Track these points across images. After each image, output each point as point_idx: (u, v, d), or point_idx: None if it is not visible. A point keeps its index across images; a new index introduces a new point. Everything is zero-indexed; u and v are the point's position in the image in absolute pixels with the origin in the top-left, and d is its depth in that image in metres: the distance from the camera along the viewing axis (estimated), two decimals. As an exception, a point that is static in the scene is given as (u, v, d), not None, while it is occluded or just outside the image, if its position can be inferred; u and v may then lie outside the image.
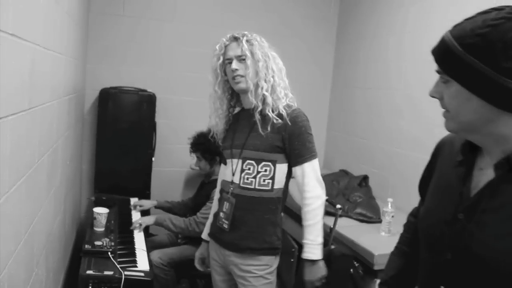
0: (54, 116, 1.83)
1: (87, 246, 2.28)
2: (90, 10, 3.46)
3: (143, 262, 2.31)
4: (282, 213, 1.95)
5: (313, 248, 1.86)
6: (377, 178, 3.42)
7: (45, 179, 1.67)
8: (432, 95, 0.98)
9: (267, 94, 1.86)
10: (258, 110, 1.87)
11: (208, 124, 2.09)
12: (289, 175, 1.93)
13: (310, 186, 1.87)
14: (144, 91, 3.51)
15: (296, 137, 1.84)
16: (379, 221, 2.76)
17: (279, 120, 1.84)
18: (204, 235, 2.18)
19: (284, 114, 1.84)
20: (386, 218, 2.60)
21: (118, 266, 2.15)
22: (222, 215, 1.93)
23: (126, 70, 3.61)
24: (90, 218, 2.68)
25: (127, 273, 2.11)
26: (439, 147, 1.17)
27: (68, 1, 2.13)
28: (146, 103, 3.48)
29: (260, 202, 1.87)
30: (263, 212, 1.88)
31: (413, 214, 1.36)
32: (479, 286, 0.93)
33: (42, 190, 1.62)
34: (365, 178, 3.41)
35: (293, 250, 2.44)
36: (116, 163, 3.42)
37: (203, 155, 3.08)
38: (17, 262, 1.24)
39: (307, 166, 1.86)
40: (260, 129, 1.85)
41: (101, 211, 2.59)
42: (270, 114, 1.84)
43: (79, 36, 2.78)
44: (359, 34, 3.86)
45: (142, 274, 2.16)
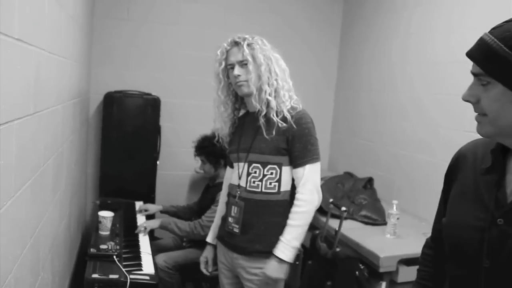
0: (59, 120, 1.84)
1: (92, 250, 2.28)
2: (95, 14, 3.48)
3: (148, 266, 2.31)
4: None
5: (285, 248, 1.82)
6: (382, 180, 3.41)
7: (50, 183, 1.68)
8: (466, 99, 0.95)
9: (270, 98, 1.84)
10: (263, 114, 1.86)
11: (212, 128, 2.09)
12: None
13: (306, 189, 1.83)
14: (149, 94, 3.52)
15: (298, 139, 1.83)
16: (384, 223, 2.75)
17: (284, 124, 1.83)
18: (209, 239, 2.18)
19: (288, 117, 1.83)
20: (391, 220, 2.59)
21: (124, 270, 2.15)
22: (231, 220, 1.92)
23: (130, 74, 3.62)
24: (95, 222, 2.68)
25: (132, 276, 2.11)
26: (460, 157, 1.14)
27: (72, 5, 2.14)
28: (150, 106, 3.49)
29: (267, 205, 1.87)
30: (271, 215, 1.88)
31: (428, 246, 1.30)
32: None
33: (47, 194, 1.62)
34: (370, 180, 3.40)
35: (298, 253, 2.43)
36: (121, 167, 3.43)
37: (207, 158, 3.09)
38: (23, 265, 1.25)
39: (308, 169, 1.84)
40: (264, 133, 1.85)
41: (106, 215, 2.60)
42: (275, 118, 1.83)
43: (84, 40, 2.80)
44: (363, 36, 3.86)
45: (148, 278, 2.16)
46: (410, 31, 3.24)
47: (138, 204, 3.30)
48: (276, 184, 1.86)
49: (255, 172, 1.87)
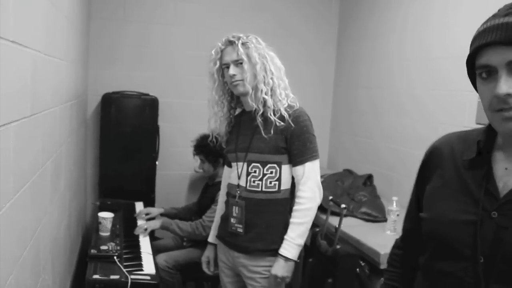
0: (56, 122, 1.84)
1: (93, 251, 2.28)
2: (91, 15, 3.48)
3: (149, 266, 2.31)
4: (289, 214, 1.94)
5: (290, 246, 1.83)
6: (381, 177, 3.41)
7: (49, 185, 1.68)
8: (509, 92, 0.84)
9: (267, 97, 1.84)
10: (260, 113, 1.86)
11: (207, 128, 2.09)
12: None
13: (307, 186, 1.84)
14: (146, 95, 3.52)
15: (297, 137, 1.83)
16: (385, 220, 2.75)
17: (282, 123, 1.83)
18: (210, 238, 2.18)
19: (286, 116, 1.83)
20: (391, 217, 2.59)
21: (124, 270, 2.15)
22: (234, 220, 1.91)
23: (128, 74, 3.61)
24: (95, 223, 2.68)
25: (133, 277, 2.11)
26: (435, 152, 1.11)
27: (68, 6, 2.14)
28: (148, 107, 3.49)
29: (268, 204, 1.87)
30: (271, 213, 1.88)
31: (397, 246, 1.28)
32: None
33: (46, 195, 1.62)
34: (369, 177, 3.40)
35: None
36: (120, 168, 3.43)
37: (206, 157, 3.08)
38: (23, 267, 1.25)
39: (308, 166, 1.84)
40: (263, 132, 1.84)
41: (106, 216, 2.60)
42: (272, 118, 1.83)
43: (80, 41, 2.79)
44: (360, 34, 3.86)
45: (148, 278, 2.16)
46: (407, 27, 3.24)
47: (138, 205, 3.29)
48: (276, 183, 1.87)
49: (255, 172, 1.87)
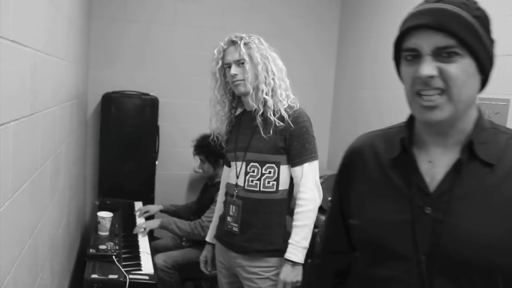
0: (56, 121, 1.84)
1: (91, 250, 2.28)
2: (91, 15, 3.48)
3: (147, 265, 2.31)
4: (287, 215, 1.94)
5: (296, 250, 1.81)
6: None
7: (48, 184, 1.68)
8: (431, 74, 0.86)
9: (267, 97, 1.85)
10: (260, 113, 1.86)
11: (209, 127, 2.09)
12: None
13: (307, 187, 1.84)
14: (147, 95, 3.52)
15: (296, 137, 1.83)
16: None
17: (281, 123, 1.83)
18: (208, 238, 2.18)
19: (285, 116, 1.83)
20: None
21: (123, 270, 2.15)
22: (230, 219, 1.92)
23: (128, 74, 3.61)
24: (95, 222, 2.69)
25: (131, 276, 2.12)
26: (355, 154, 1.09)
27: (68, 6, 2.14)
28: (148, 106, 3.49)
29: (265, 204, 1.87)
30: (269, 214, 1.88)
31: (317, 255, 1.25)
32: (460, 280, 0.89)
33: (45, 195, 1.63)
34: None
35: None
36: (120, 167, 3.43)
37: (206, 158, 3.09)
38: (21, 266, 1.25)
39: (306, 167, 1.84)
40: (262, 132, 1.85)
41: (105, 215, 2.60)
42: (272, 118, 1.83)
43: (81, 41, 2.79)
44: (361, 34, 3.86)
45: (147, 277, 2.16)
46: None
47: (137, 204, 3.30)
48: (274, 183, 1.87)
49: (253, 171, 1.87)
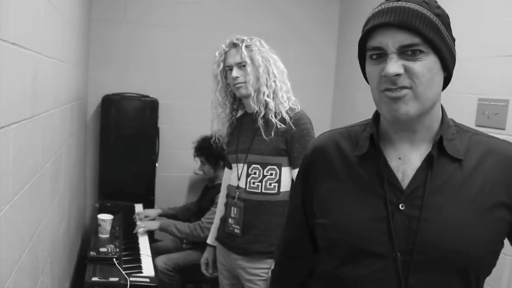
0: (56, 123, 1.84)
1: (92, 253, 2.28)
2: (91, 17, 3.48)
3: (148, 268, 2.31)
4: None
5: None
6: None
7: (48, 187, 1.67)
8: (397, 72, 0.86)
9: (269, 100, 1.85)
10: (261, 115, 1.86)
11: (210, 129, 2.10)
12: None
13: None
14: (147, 96, 3.52)
15: (297, 139, 1.83)
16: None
17: (282, 125, 1.84)
18: (209, 240, 2.18)
19: (287, 118, 1.84)
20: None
21: (123, 272, 2.15)
22: (231, 221, 1.91)
23: (128, 76, 3.61)
24: (95, 225, 2.68)
25: (132, 279, 2.11)
26: (319, 152, 1.06)
27: (69, 8, 2.14)
28: (148, 108, 3.49)
29: (267, 205, 1.87)
30: (271, 215, 1.88)
31: (278, 262, 1.21)
32: (435, 276, 0.89)
33: (46, 197, 1.62)
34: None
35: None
36: (120, 169, 3.43)
37: (207, 160, 3.09)
38: (22, 270, 1.24)
39: None
40: (263, 134, 1.85)
41: (105, 218, 2.60)
42: (273, 120, 1.84)
43: (81, 43, 2.79)
44: (360, 35, 3.85)
45: (148, 280, 2.16)
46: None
47: (138, 207, 3.29)
48: (276, 184, 1.87)
49: (255, 173, 1.87)
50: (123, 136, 3.42)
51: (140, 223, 2.87)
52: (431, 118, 0.94)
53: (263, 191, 1.86)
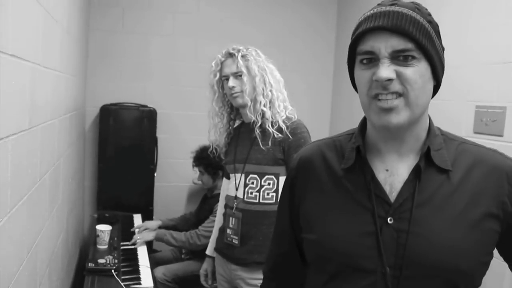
0: (55, 134, 1.83)
1: (90, 264, 2.26)
2: (89, 27, 3.49)
3: (147, 279, 2.29)
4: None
5: None
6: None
7: (47, 198, 1.67)
8: (390, 76, 0.84)
9: (265, 109, 1.86)
10: (258, 125, 1.87)
11: (208, 138, 2.09)
12: None
13: None
14: (145, 106, 3.52)
15: (294, 148, 1.83)
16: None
17: (279, 135, 1.84)
18: (208, 251, 2.16)
19: (284, 127, 1.84)
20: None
21: (122, 284, 2.13)
22: (229, 232, 1.91)
23: (126, 86, 3.62)
24: (93, 236, 2.67)
25: (131, 290, 2.10)
26: (304, 164, 1.03)
27: (67, 19, 2.15)
28: (147, 118, 3.49)
29: (265, 215, 1.86)
30: (269, 225, 1.86)
31: (269, 278, 1.17)
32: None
33: (44, 209, 1.61)
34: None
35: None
36: (119, 180, 3.42)
37: (206, 169, 3.08)
38: (19, 283, 1.23)
39: None
40: (260, 144, 1.85)
41: (104, 228, 2.58)
42: (270, 129, 1.84)
43: (79, 53, 2.80)
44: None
45: (146, 291, 2.14)
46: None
47: (136, 217, 3.28)
48: (274, 194, 1.86)
49: (253, 183, 1.86)
50: (121, 146, 3.42)
51: (136, 235, 2.85)
52: (419, 127, 0.93)
53: (261, 201, 1.86)
